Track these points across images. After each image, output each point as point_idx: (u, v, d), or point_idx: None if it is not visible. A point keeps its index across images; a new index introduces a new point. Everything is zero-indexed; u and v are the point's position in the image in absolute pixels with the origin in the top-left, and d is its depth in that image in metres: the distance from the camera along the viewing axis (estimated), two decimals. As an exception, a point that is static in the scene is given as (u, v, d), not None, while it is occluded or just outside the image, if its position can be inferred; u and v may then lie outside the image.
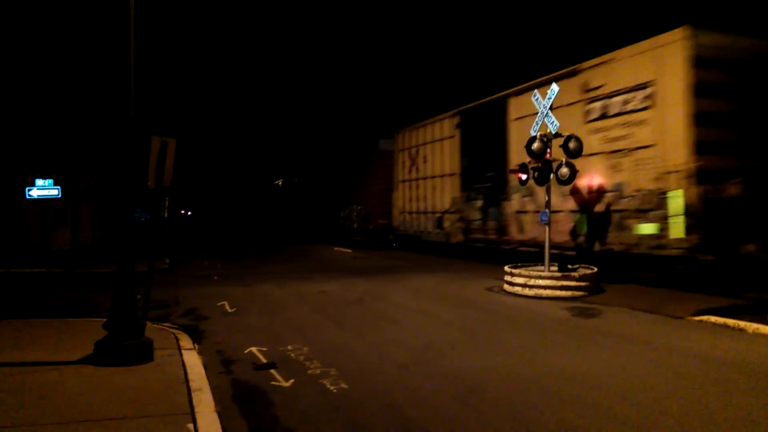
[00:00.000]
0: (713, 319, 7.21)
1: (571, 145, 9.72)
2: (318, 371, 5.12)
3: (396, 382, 4.84)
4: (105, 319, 5.22)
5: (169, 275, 12.92)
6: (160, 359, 5.17)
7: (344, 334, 6.80)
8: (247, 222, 36.89)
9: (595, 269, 9.73)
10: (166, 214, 29.36)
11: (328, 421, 3.95)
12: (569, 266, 9.85)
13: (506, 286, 9.84)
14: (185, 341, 6.11)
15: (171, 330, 6.75)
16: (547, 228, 9.87)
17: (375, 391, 4.60)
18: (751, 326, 6.67)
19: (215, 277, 12.59)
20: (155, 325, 6.81)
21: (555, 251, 10.61)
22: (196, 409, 3.82)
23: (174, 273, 13.51)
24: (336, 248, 22.06)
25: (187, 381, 4.46)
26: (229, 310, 8.40)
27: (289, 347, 6.02)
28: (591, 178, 10.90)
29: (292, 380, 4.87)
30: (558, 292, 9.11)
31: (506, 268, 10.02)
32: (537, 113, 10.11)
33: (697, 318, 7.34)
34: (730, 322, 6.96)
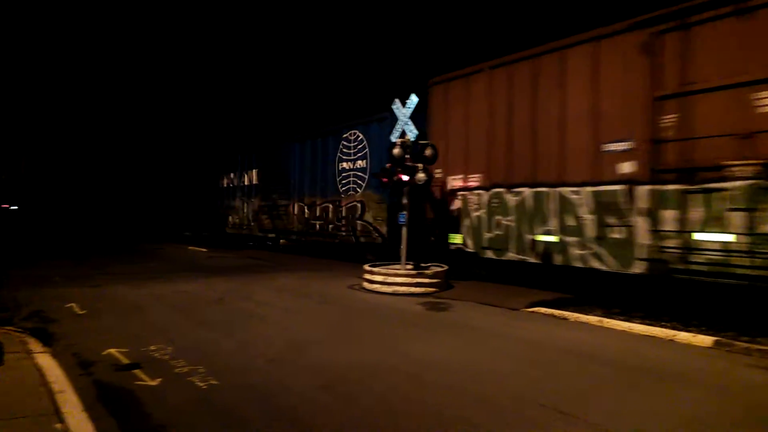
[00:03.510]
0: (543, 310, 8.38)
1: (427, 152, 10.48)
2: (186, 369, 5.12)
3: (266, 376, 5.01)
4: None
5: (2, 277, 11.72)
6: (12, 363, 4.85)
7: (209, 332, 6.77)
8: (94, 217, 33.75)
9: (446, 267, 10.60)
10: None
11: (200, 414, 4.04)
12: (423, 264, 10.62)
13: (366, 284, 10.34)
14: (35, 344, 5.73)
15: (16, 333, 6.26)
16: (404, 229, 10.54)
17: (245, 385, 4.74)
18: (572, 315, 7.93)
19: (57, 278, 11.62)
20: (-3, 329, 6.28)
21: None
22: (63, 410, 3.72)
23: (7, 275, 12.25)
24: (190, 247, 21.32)
25: (47, 383, 4.27)
26: (80, 312, 7.90)
27: (152, 348, 5.89)
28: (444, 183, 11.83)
29: (159, 379, 4.83)
30: (413, 289, 9.79)
31: (366, 267, 10.53)
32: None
33: (530, 309, 8.44)
34: (556, 312, 8.16)
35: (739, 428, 3.94)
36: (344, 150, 15.64)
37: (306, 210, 17.30)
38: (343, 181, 15.64)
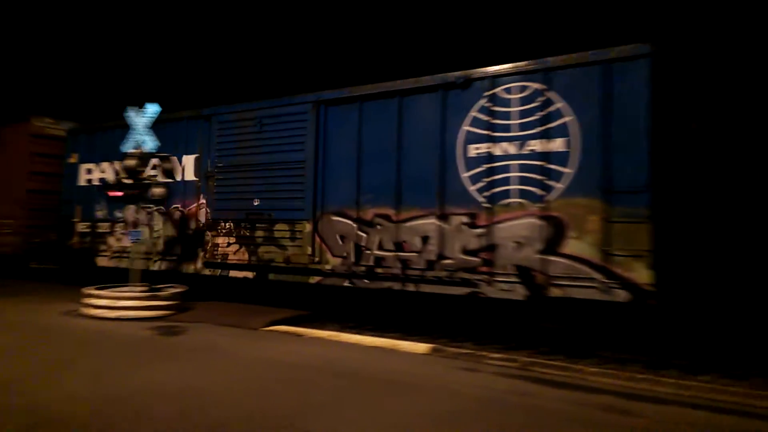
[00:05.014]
0: (281, 328, 8.48)
1: (167, 165, 9.82)
2: None
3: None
4: None
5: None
6: None
7: None
8: None
9: (185, 288, 10.02)
10: None
11: None
12: (158, 286, 9.84)
13: (87, 309, 9.15)
14: None
15: None
16: (136, 247, 9.64)
17: None
18: (309, 332, 8.20)
19: None
20: None
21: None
22: None
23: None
24: None
25: None
26: None
27: None
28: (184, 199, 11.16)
29: None
30: (146, 312, 8.97)
31: (85, 290, 9.33)
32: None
33: (268, 328, 8.46)
34: (293, 329, 8.36)
35: (447, 423, 4.41)
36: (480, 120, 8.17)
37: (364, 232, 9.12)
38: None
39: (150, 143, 9.69)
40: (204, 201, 11.11)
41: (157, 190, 9.68)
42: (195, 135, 11.43)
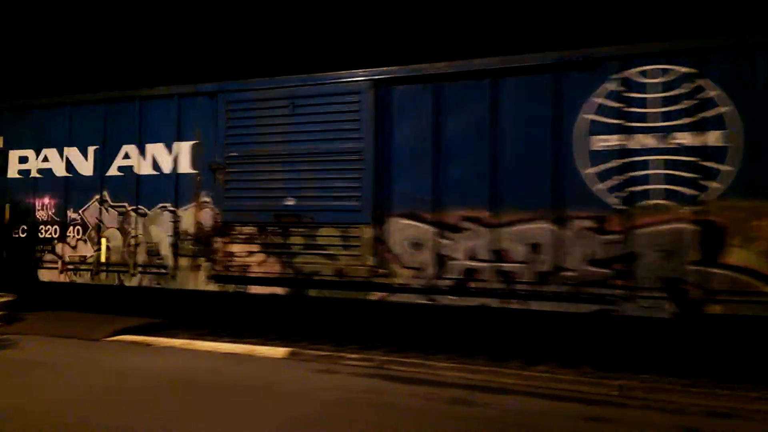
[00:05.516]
0: (128, 337, 8.11)
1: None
2: None
3: None
4: None
5: None
6: None
7: None
8: None
9: (14, 297, 9.00)
10: None
11: None
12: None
13: None
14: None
15: None
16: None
17: None
18: (159, 341, 7.92)
19: None
20: None
21: None
22: None
23: None
24: None
25: None
26: None
27: None
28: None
29: None
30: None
31: None
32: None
33: (113, 338, 8.05)
34: (141, 338, 8.03)
35: (296, 427, 4.44)
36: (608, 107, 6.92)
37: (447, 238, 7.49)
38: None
39: None
40: (208, 199, 8.84)
41: None
42: (191, 117, 9.09)
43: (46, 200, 9.94)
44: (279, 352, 7.29)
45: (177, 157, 9.07)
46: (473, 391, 5.52)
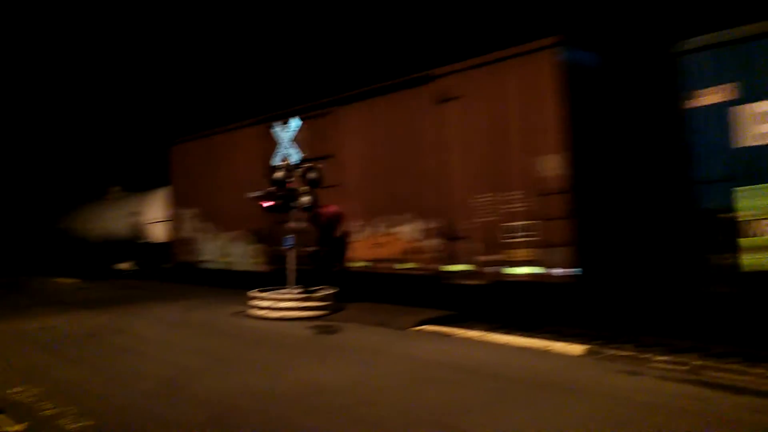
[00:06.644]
0: (430, 327, 8.60)
1: (311, 175, 10.52)
2: (54, 411, 4.68)
3: (146, 412, 4.71)
4: None
5: None
6: None
7: (80, 371, 6.23)
8: None
9: (336, 289, 10.57)
10: None
11: (71, 460, 3.72)
12: (312, 288, 10.55)
13: (253, 311, 10.08)
14: None
15: None
16: (291, 253, 10.43)
17: (122, 423, 4.44)
18: (457, 331, 8.20)
19: None
20: None
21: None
22: None
23: None
24: (58, 279, 19.54)
25: None
26: None
27: (16, 390, 5.34)
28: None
29: (26, 423, 4.40)
30: (302, 313, 9.68)
31: (251, 293, 10.27)
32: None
33: (417, 328, 8.62)
34: (442, 329, 8.41)
35: (615, 429, 4.24)
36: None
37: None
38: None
39: (295, 156, 10.42)
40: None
41: (305, 198, 10.35)
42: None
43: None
44: (576, 349, 7.01)
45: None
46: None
